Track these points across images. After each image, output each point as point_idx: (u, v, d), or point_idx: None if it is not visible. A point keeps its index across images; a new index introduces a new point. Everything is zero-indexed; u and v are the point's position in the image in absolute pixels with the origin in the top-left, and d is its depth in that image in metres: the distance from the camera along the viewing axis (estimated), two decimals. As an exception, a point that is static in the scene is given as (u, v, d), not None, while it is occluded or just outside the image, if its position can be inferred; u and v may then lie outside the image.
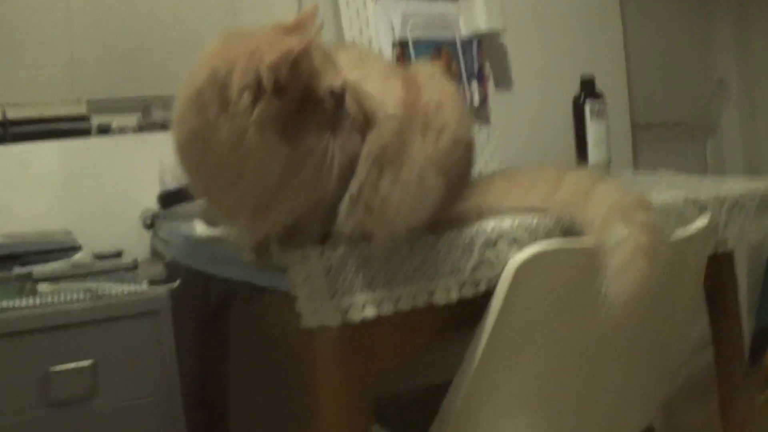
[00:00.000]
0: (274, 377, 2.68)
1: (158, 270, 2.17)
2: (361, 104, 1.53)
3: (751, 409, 2.41)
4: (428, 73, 1.71)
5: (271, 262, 1.57)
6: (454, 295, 1.63)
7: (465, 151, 1.68)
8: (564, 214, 1.70)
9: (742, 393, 2.32)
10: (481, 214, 1.71)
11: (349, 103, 1.49)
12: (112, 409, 1.94)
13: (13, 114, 2.62)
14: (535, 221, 1.70)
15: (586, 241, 1.63)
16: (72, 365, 1.90)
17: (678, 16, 4.21)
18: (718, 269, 2.19)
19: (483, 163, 3.15)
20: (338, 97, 1.46)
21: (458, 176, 1.66)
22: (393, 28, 3.05)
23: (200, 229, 1.99)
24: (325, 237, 1.55)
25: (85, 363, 1.91)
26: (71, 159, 2.64)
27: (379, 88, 1.56)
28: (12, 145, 2.59)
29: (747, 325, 4.16)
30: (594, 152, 2.88)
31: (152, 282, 2.04)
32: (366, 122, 1.52)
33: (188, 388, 2.12)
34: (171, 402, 2.00)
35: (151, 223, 2.44)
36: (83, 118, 2.71)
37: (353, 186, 1.51)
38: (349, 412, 1.64)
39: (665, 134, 4.12)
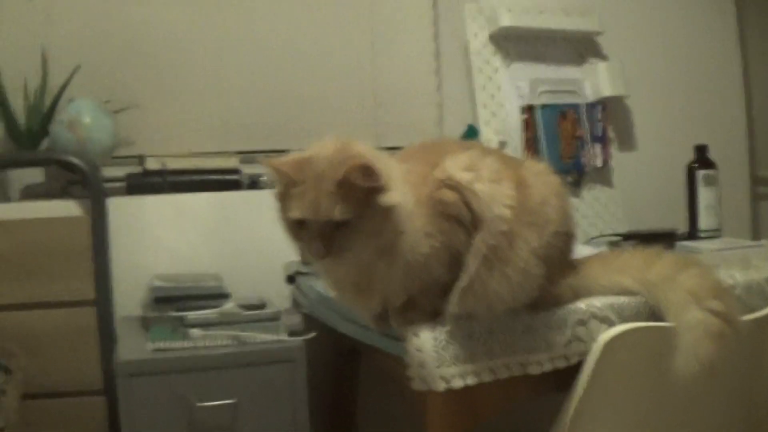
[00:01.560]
0: (395, 417, 2.87)
1: (297, 321, 2.42)
2: (470, 204, 1.74)
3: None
4: (537, 170, 1.92)
5: (390, 330, 1.83)
6: (547, 368, 1.85)
7: (565, 241, 1.90)
8: (650, 296, 1.91)
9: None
10: (577, 295, 1.94)
11: (459, 203, 1.73)
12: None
13: (172, 165, 2.84)
14: (623, 302, 1.92)
15: (667, 324, 1.83)
16: (217, 402, 2.17)
17: None
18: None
19: (604, 222, 3.31)
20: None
21: (558, 263, 1.88)
22: (521, 95, 3.24)
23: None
24: (437, 315, 1.79)
25: (229, 401, 2.18)
26: (222, 209, 2.85)
27: (489, 188, 1.76)
28: (170, 194, 2.82)
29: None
30: (704, 218, 3.04)
31: (291, 333, 2.30)
32: (475, 221, 1.75)
33: (318, 426, 2.36)
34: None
35: (292, 277, 2.65)
36: (235, 171, 2.90)
37: (464, 279, 1.75)
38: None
39: None
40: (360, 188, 1.60)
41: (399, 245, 1.68)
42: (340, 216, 1.61)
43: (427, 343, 1.74)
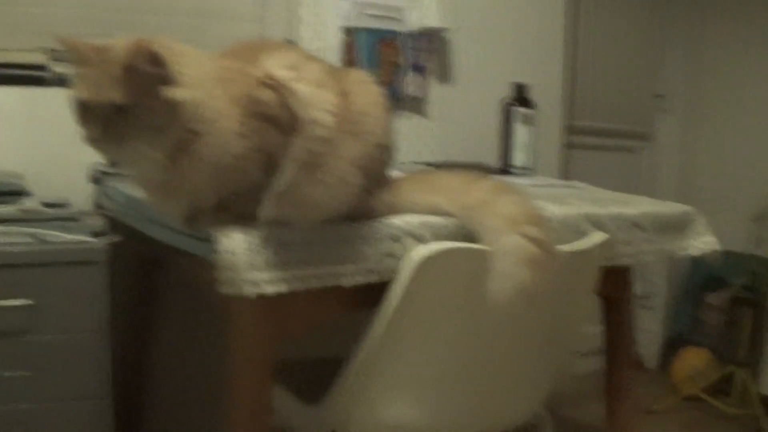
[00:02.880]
0: (195, 328, 2.86)
1: (100, 223, 2.32)
2: (289, 105, 1.70)
3: (636, 413, 2.60)
4: (360, 80, 1.90)
5: (201, 232, 1.76)
6: (359, 280, 1.82)
7: (385, 154, 1.88)
8: (466, 219, 1.90)
9: (628, 396, 2.51)
10: (392, 210, 1.91)
11: (277, 103, 1.69)
12: (47, 343, 2.11)
13: None
14: (440, 222, 1.91)
15: (483, 247, 1.83)
16: (13, 302, 2.06)
17: (630, 29, 4.36)
18: (615, 281, 2.38)
19: (416, 152, 3.32)
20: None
21: (376, 175, 1.86)
22: (344, 15, 3.22)
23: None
24: (250, 218, 1.73)
25: (26, 302, 2.07)
26: (27, 105, 2.74)
27: (312, 91, 1.73)
28: None
29: (662, 332, 4.40)
30: (518, 156, 3.07)
31: (94, 234, 2.20)
32: (293, 123, 1.70)
33: (117, 332, 2.28)
34: (101, 341, 2.16)
35: (97, 178, 2.57)
36: (41, 68, 2.78)
37: (279, 183, 1.71)
38: (257, 369, 1.84)
39: (604, 142, 4.29)
40: (145, 76, 1.56)
41: (200, 145, 1.63)
42: (119, 99, 1.55)
43: (239, 245, 1.68)
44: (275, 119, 1.69)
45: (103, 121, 1.57)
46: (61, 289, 2.11)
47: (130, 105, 1.56)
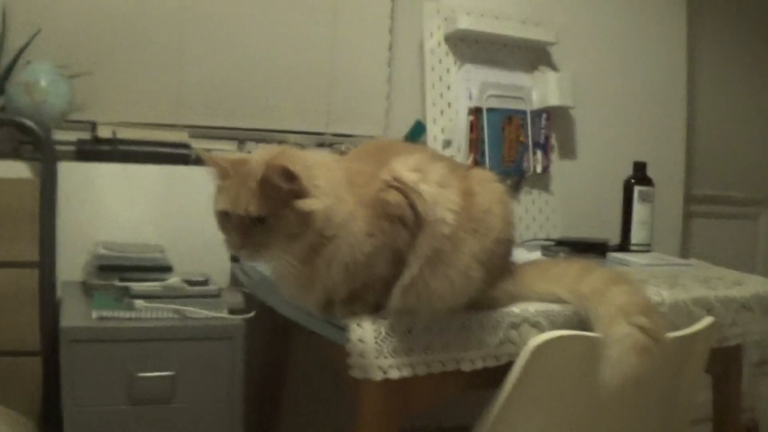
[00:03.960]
0: (323, 392, 2.97)
1: (238, 299, 2.49)
2: (414, 205, 1.82)
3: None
4: (483, 178, 2.01)
5: (333, 319, 1.91)
6: (479, 366, 1.94)
7: (505, 248, 1.99)
8: (581, 307, 2.01)
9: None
10: (512, 299, 2.02)
11: (403, 204, 1.81)
12: (186, 410, 2.27)
13: (122, 134, 2.86)
14: (555, 310, 2.01)
15: (596, 334, 1.93)
16: (156, 374, 2.23)
17: (748, 94, 4.34)
18: (724, 359, 2.45)
19: (540, 227, 3.41)
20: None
21: (498, 268, 1.97)
22: (470, 96, 3.33)
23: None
24: (380, 308, 1.87)
25: (168, 373, 2.24)
26: (170, 182, 2.86)
27: (436, 191, 1.84)
28: (119, 164, 2.83)
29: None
30: (637, 233, 3.15)
31: (232, 311, 2.37)
32: (418, 222, 1.82)
33: (250, 399, 2.41)
34: (234, 409, 2.32)
35: (235, 256, 2.67)
36: (184, 146, 2.91)
37: (406, 277, 1.84)
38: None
39: (724, 210, 4.28)
40: (279, 189, 1.70)
41: (333, 247, 1.76)
42: (256, 212, 1.70)
43: (369, 334, 1.82)
44: (402, 219, 1.81)
45: (242, 231, 1.73)
46: (200, 361, 2.27)
47: (266, 216, 1.71)
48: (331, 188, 1.76)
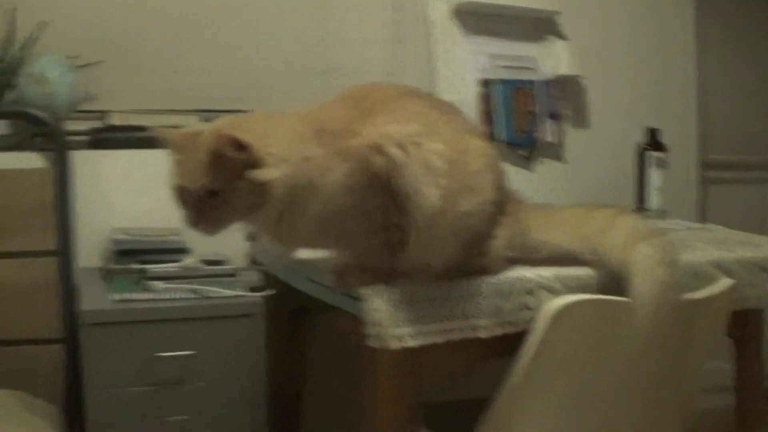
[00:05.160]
0: (342, 374, 2.96)
1: (256, 278, 2.49)
2: (396, 180, 1.81)
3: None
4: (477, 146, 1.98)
5: (349, 290, 1.91)
6: (496, 332, 1.94)
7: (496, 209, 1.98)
8: (585, 248, 2.02)
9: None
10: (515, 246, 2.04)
11: (384, 174, 1.80)
12: (206, 389, 2.29)
13: (119, 122, 2.87)
14: (570, 273, 2.02)
15: (613, 297, 1.93)
16: (176, 353, 2.25)
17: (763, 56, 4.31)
18: (744, 323, 2.43)
19: (554, 197, 3.39)
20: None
21: (489, 227, 1.97)
22: (479, 68, 3.32)
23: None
24: (390, 276, 1.88)
25: (188, 353, 2.26)
26: None
27: (422, 175, 1.81)
28: (131, 150, 2.83)
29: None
30: (652, 200, 3.14)
31: (250, 289, 2.38)
32: (400, 193, 1.82)
33: (270, 377, 2.43)
34: (256, 387, 2.35)
35: (252, 236, 2.66)
36: None
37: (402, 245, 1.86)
38: (399, 415, 1.96)
39: (742, 176, 4.24)
40: (230, 161, 1.66)
41: (302, 206, 1.75)
42: (208, 186, 1.68)
43: (384, 303, 1.83)
44: (382, 186, 1.80)
45: (197, 206, 1.71)
46: (219, 339, 2.29)
47: (219, 190, 1.68)
48: (290, 152, 1.73)
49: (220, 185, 1.67)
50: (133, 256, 2.52)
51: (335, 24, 3.30)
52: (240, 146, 1.65)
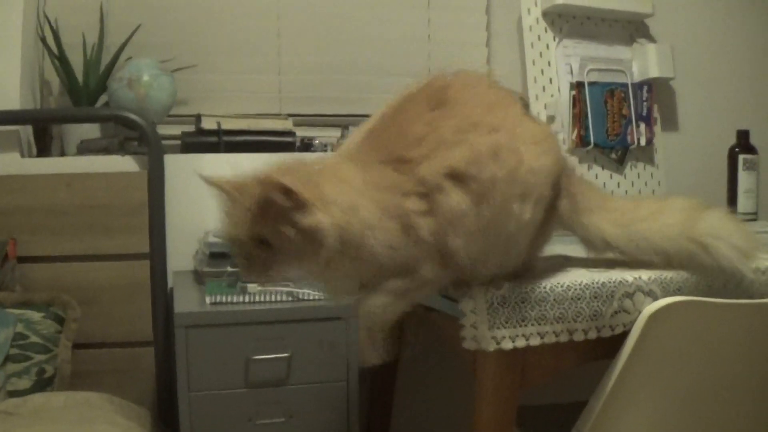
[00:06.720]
0: (434, 376, 2.95)
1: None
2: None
3: None
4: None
5: (446, 292, 1.90)
6: (592, 336, 1.91)
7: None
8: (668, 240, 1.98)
9: None
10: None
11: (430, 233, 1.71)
12: (301, 391, 2.31)
13: (226, 125, 2.89)
14: (669, 277, 1.99)
15: (710, 299, 1.91)
16: (271, 356, 2.27)
17: None
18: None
19: (645, 198, 3.35)
20: None
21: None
22: (571, 71, 3.31)
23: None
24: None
25: (283, 355, 2.27)
26: None
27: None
28: (224, 154, 2.86)
29: None
30: (743, 201, 3.10)
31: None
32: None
33: (365, 379, 2.46)
34: (350, 388, 2.36)
35: None
36: (289, 133, 2.94)
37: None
38: (500, 415, 1.93)
39: None
40: (277, 207, 1.56)
41: (351, 258, 1.64)
42: (256, 235, 1.59)
43: (481, 305, 1.81)
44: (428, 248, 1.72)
45: (248, 255, 1.62)
46: (314, 341, 2.30)
47: (269, 237, 1.59)
48: (341, 200, 1.62)
49: (269, 233, 1.58)
50: (226, 258, 2.52)
51: (436, 25, 3.33)
52: (285, 190, 1.54)
